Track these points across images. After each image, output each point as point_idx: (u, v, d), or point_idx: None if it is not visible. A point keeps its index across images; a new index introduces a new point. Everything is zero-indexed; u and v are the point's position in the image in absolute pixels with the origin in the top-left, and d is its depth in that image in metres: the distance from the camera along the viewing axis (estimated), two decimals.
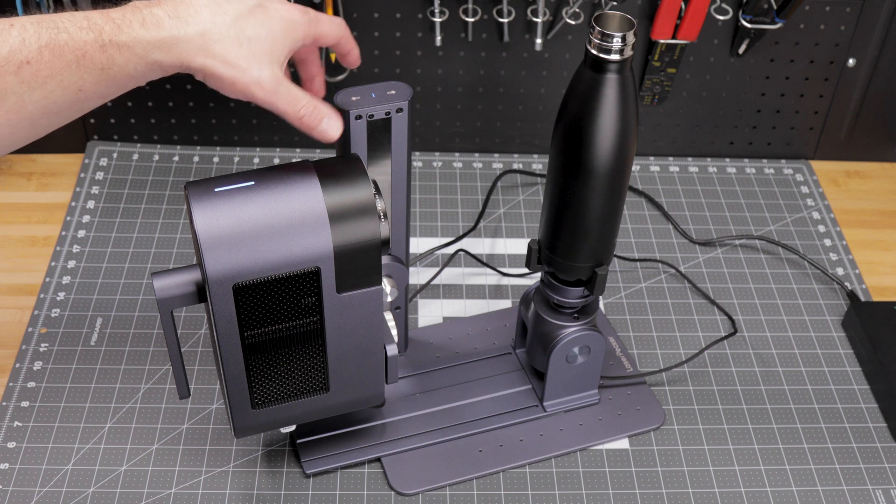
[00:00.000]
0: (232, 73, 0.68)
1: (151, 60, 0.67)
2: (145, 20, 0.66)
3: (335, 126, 0.72)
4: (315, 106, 0.71)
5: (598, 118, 0.76)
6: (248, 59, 0.67)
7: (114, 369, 0.96)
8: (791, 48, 1.17)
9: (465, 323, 1.02)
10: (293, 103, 0.70)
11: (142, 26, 0.66)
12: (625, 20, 0.75)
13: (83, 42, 0.65)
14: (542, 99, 1.21)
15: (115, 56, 0.66)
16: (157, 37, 0.66)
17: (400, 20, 1.13)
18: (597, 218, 0.81)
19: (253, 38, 0.67)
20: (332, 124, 0.72)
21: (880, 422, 0.95)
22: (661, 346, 1.02)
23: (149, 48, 0.66)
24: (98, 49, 0.65)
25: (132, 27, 0.66)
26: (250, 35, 0.67)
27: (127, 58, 0.66)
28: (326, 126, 0.71)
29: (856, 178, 1.26)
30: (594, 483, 0.89)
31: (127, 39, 0.66)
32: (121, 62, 0.66)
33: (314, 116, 0.71)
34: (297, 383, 0.78)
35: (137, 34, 0.66)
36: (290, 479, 0.88)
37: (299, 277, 0.71)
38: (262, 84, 0.68)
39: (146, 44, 0.66)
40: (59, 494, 0.86)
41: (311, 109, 0.71)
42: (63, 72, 0.65)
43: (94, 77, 0.66)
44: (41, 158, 1.21)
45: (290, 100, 0.70)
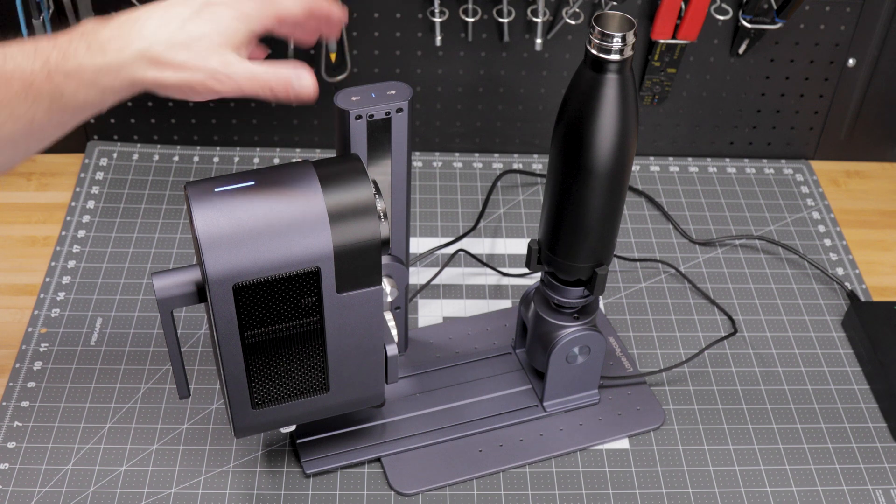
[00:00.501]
0: (184, 75, 0.65)
1: (102, 86, 0.65)
2: (90, 45, 0.64)
3: (306, 79, 0.67)
4: (276, 72, 0.67)
5: (598, 118, 0.76)
6: (197, 58, 0.64)
7: (114, 369, 0.96)
8: (791, 48, 1.17)
9: (465, 323, 1.02)
10: (255, 79, 0.66)
11: (87, 52, 0.64)
12: (625, 20, 0.75)
13: (30, 71, 0.63)
14: (542, 99, 1.21)
15: (62, 84, 0.64)
16: (102, 62, 0.64)
17: (400, 20, 1.13)
18: (597, 218, 0.81)
19: (200, 36, 0.65)
20: (302, 77, 0.67)
21: (880, 422, 0.95)
22: (661, 346, 1.02)
23: (97, 74, 0.64)
24: (45, 78, 0.64)
25: (78, 53, 0.64)
26: (196, 35, 0.65)
27: (76, 85, 0.64)
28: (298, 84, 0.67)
29: (856, 178, 1.26)
30: (594, 483, 0.89)
31: (73, 67, 0.64)
32: (70, 90, 0.64)
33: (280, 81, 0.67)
34: (297, 383, 0.78)
35: (83, 60, 0.64)
36: (290, 479, 0.88)
37: (299, 277, 0.71)
38: (216, 75, 0.65)
39: (93, 70, 0.64)
40: (59, 494, 0.85)
41: (275, 76, 0.67)
42: (12, 102, 0.63)
43: (44, 107, 0.64)
44: (41, 158, 1.21)
45: (251, 77, 0.66)
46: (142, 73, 0.65)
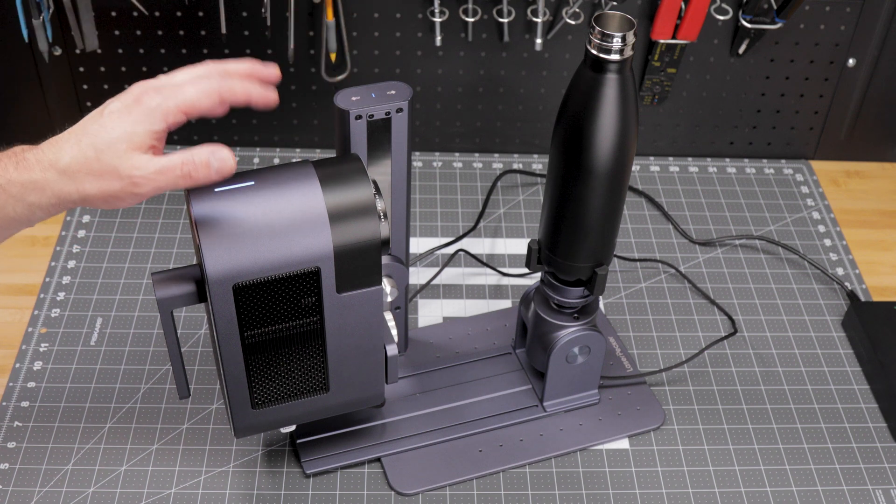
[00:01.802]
0: (102, 186, 0.67)
1: (29, 202, 0.68)
2: (19, 164, 0.67)
3: (225, 157, 0.68)
4: (191, 155, 0.68)
5: (598, 118, 0.76)
6: (110, 167, 0.67)
7: (114, 369, 0.96)
8: (791, 48, 1.17)
9: (465, 323, 1.02)
10: (172, 172, 0.67)
11: (15, 169, 0.67)
12: (625, 20, 0.75)
13: None
14: (542, 99, 1.21)
15: None
16: (29, 179, 0.67)
17: (400, 20, 1.13)
18: (597, 218, 0.81)
19: (106, 147, 0.67)
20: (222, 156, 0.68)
21: (880, 422, 0.95)
22: (661, 346, 1.02)
23: (23, 190, 0.67)
24: None
25: (7, 170, 0.67)
26: (103, 146, 0.67)
27: (3, 200, 0.67)
28: (219, 162, 0.68)
29: (856, 178, 1.26)
30: (594, 483, 0.89)
31: (2, 182, 0.67)
32: None
33: (199, 167, 0.67)
34: (297, 383, 0.78)
35: (11, 176, 0.67)
36: (290, 479, 0.88)
37: (299, 277, 0.71)
38: (134, 180, 0.67)
39: (20, 185, 0.67)
40: (59, 494, 0.85)
41: (191, 161, 0.68)
42: None
43: None
44: None
45: (167, 172, 0.67)
46: (66, 188, 0.67)
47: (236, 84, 0.69)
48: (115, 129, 0.67)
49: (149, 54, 1.14)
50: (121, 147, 0.67)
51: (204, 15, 1.11)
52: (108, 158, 0.67)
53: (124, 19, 1.11)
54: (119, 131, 0.67)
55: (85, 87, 1.17)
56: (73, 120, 1.22)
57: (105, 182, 0.67)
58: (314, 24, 1.12)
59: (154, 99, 0.67)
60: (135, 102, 0.67)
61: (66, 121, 1.19)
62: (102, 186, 0.67)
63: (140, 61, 1.15)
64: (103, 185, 0.67)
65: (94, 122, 0.68)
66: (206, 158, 0.68)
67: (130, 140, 0.67)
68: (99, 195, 0.68)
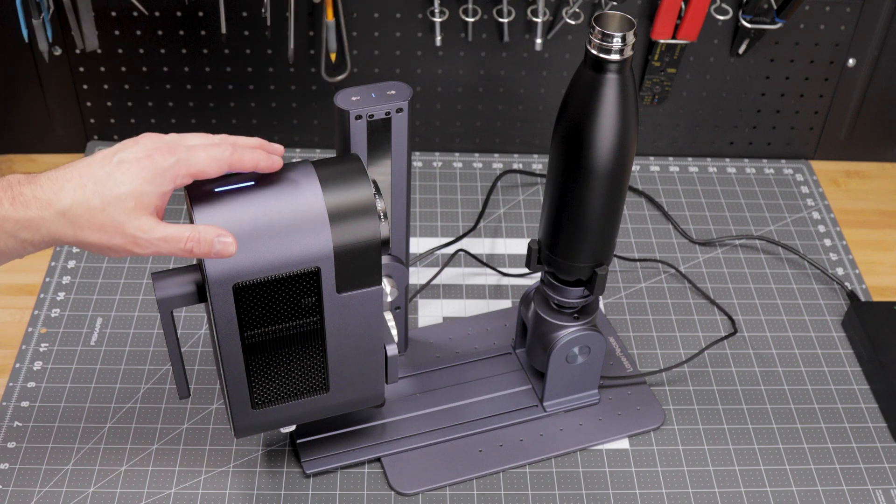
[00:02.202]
0: (103, 239, 0.67)
1: (22, 238, 0.67)
2: (14, 199, 0.66)
3: (228, 242, 0.68)
4: (198, 234, 0.68)
5: (598, 118, 0.76)
6: (114, 222, 0.66)
7: (114, 369, 0.96)
8: (791, 48, 1.17)
9: (465, 323, 1.02)
10: (175, 243, 0.67)
11: (11, 205, 0.66)
12: (625, 20, 0.75)
13: None
14: (542, 99, 1.21)
15: None
16: (24, 216, 0.66)
17: (400, 20, 1.13)
18: (597, 218, 0.81)
19: (115, 200, 0.66)
20: (225, 242, 0.68)
21: (880, 422, 0.95)
22: (661, 346, 1.02)
23: (17, 227, 0.66)
24: None
25: (2, 204, 0.66)
26: (111, 199, 0.66)
27: None
28: (221, 247, 0.68)
29: (856, 178, 1.26)
30: (594, 483, 0.89)
31: None
32: None
33: (202, 244, 0.68)
34: (297, 383, 0.78)
35: (6, 212, 0.65)
36: (290, 479, 0.88)
37: (299, 277, 0.71)
38: (137, 241, 0.67)
39: (14, 222, 0.66)
40: (59, 494, 0.86)
41: (197, 239, 0.68)
42: None
43: None
44: (41, 158, 1.21)
45: (172, 242, 0.67)
46: (63, 231, 0.67)
47: (245, 154, 0.69)
48: (125, 183, 0.66)
49: (149, 54, 1.14)
50: (129, 204, 0.66)
51: (204, 15, 1.11)
52: (115, 213, 0.66)
53: (124, 19, 1.11)
54: (129, 187, 0.66)
55: (85, 87, 1.17)
56: (73, 120, 1.23)
57: (107, 235, 0.67)
58: (314, 24, 1.12)
59: (167, 159, 0.67)
60: (147, 158, 0.66)
61: (66, 120, 1.19)
62: (103, 238, 0.67)
63: (140, 61, 1.15)
64: (104, 237, 0.67)
65: (101, 169, 0.66)
66: (211, 240, 0.68)
67: (140, 199, 0.66)
68: (96, 244, 0.67)
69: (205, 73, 1.16)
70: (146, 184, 0.66)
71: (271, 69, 1.16)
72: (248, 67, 1.16)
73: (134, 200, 0.66)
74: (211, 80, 1.17)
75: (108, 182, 0.66)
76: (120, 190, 0.66)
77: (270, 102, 1.19)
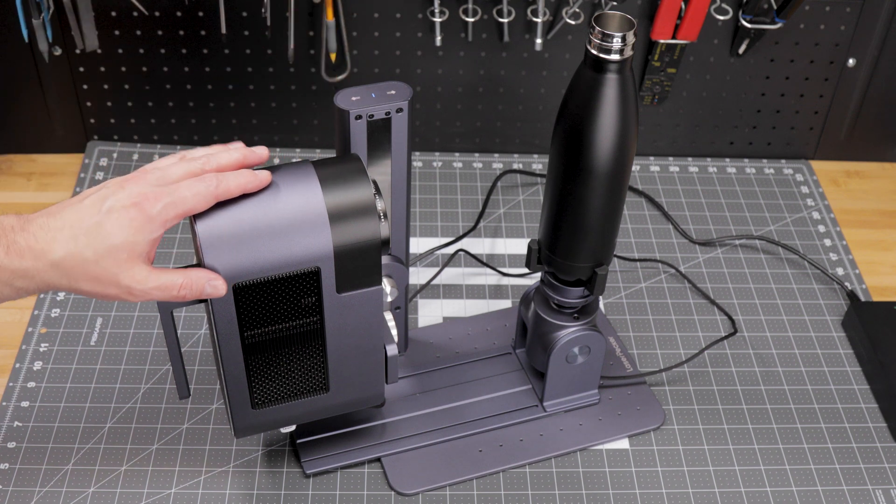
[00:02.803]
0: (97, 289, 0.68)
1: (17, 287, 0.67)
2: (9, 248, 0.66)
3: (219, 285, 0.69)
4: (190, 280, 0.69)
5: (598, 118, 0.76)
6: (109, 274, 0.67)
7: (114, 369, 0.96)
8: (791, 48, 1.17)
9: (465, 323, 1.02)
10: (168, 290, 0.68)
11: (6, 255, 0.66)
12: (625, 20, 0.75)
13: None
14: (542, 99, 1.21)
15: None
16: (20, 267, 0.66)
17: (400, 20, 1.13)
18: (597, 218, 0.81)
19: (107, 252, 0.66)
20: (216, 285, 0.69)
21: (880, 422, 0.95)
22: (661, 346, 1.02)
23: (13, 277, 0.66)
24: None
25: None
26: (104, 251, 0.66)
27: None
28: (212, 289, 0.69)
29: (856, 178, 1.26)
30: (594, 483, 0.89)
31: None
32: None
33: (194, 289, 0.69)
34: (297, 383, 0.78)
35: (2, 262, 0.66)
36: (290, 479, 0.88)
37: (299, 277, 0.71)
38: (131, 290, 0.68)
39: (10, 272, 0.66)
40: (59, 494, 0.85)
41: (189, 286, 0.69)
42: None
43: None
44: (41, 158, 1.21)
45: (164, 289, 0.68)
46: (58, 281, 0.67)
47: (231, 183, 0.68)
48: (116, 235, 0.66)
49: (149, 54, 1.14)
50: (122, 256, 0.66)
51: (204, 15, 1.11)
52: (108, 265, 0.66)
53: (124, 19, 1.11)
54: (120, 239, 0.66)
55: (85, 87, 1.17)
56: (73, 120, 1.23)
57: (101, 286, 0.67)
58: (314, 24, 1.12)
59: (154, 206, 0.67)
60: (135, 207, 0.66)
61: (66, 120, 1.19)
62: (97, 288, 0.68)
63: (140, 61, 1.15)
64: (98, 287, 0.68)
65: (91, 218, 0.66)
66: (202, 285, 0.69)
67: (132, 249, 0.67)
68: (91, 293, 0.68)
69: (205, 73, 1.16)
70: (137, 234, 0.66)
71: (271, 69, 1.16)
72: (248, 67, 1.16)
73: (126, 252, 0.67)
74: (211, 80, 1.17)
75: (100, 233, 0.66)
76: (112, 241, 0.66)
77: (270, 102, 1.19)
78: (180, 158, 0.70)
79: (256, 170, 0.71)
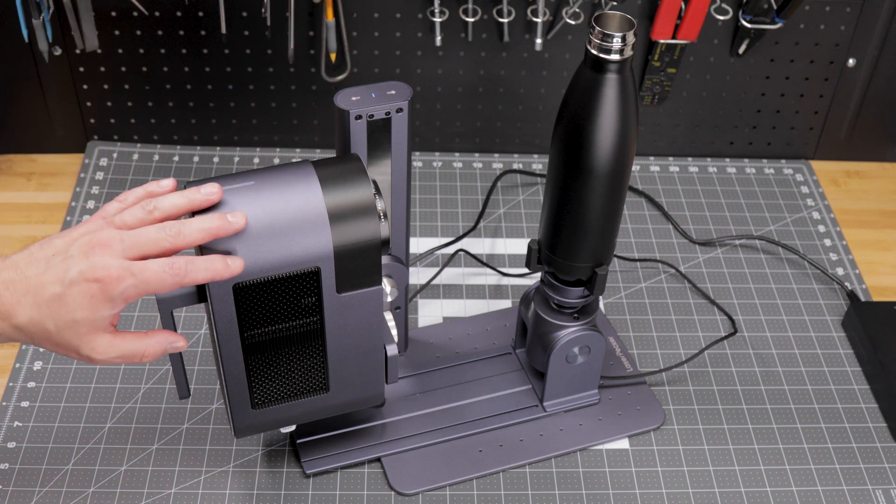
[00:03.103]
0: (60, 352, 0.69)
1: None
2: None
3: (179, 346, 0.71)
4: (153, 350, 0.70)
5: (598, 118, 0.76)
6: (69, 345, 0.67)
7: (114, 369, 0.96)
8: (791, 48, 1.17)
9: (465, 323, 1.02)
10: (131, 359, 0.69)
11: None
12: (625, 20, 0.75)
13: None
14: (542, 99, 1.21)
15: None
16: None
17: (400, 20, 1.13)
18: (597, 218, 0.81)
19: (67, 326, 0.67)
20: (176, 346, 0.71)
21: (880, 422, 0.95)
22: (661, 346, 1.02)
23: None
24: None
25: None
26: (64, 325, 0.67)
27: None
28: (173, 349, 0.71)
29: (856, 178, 1.26)
30: (594, 483, 0.89)
31: None
32: None
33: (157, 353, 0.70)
34: (297, 383, 0.78)
35: None
36: (290, 479, 0.88)
37: (299, 277, 0.71)
38: (92, 360, 0.68)
39: None
40: (59, 494, 0.85)
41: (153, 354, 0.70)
42: None
43: None
44: (41, 158, 1.21)
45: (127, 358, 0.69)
46: (21, 339, 0.69)
47: (200, 275, 0.67)
48: (77, 311, 0.66)
49: (149, 54, 1.14)
50: (82, 330, 0.67)
51: (204, 15, 1.11)
52: (69, 337, 0.67)
53: (124, 19, 1.11)
54: (80, 315, 0.66)
55: (85, 87, 1.17)
56: (73, 120, 1.23)
57: (63, 351, 0.69)
58: (314, 24, 1.12)
59: (117, 287, 0.66)
60: (97, 283, 0.66)
61: (66, 120, 1.19)
62: (59, 351, 0.69)
63: (140, 61, 1.15)
64: (60, 351, 0.69)
65: (53, 287, 0.66)
66: (163, 348, 0.71)
67: (92, 324, 0.67)
68: (56, 352, 0.70)
69: (205, 73, 1.16)
70: (97, 311, 0.67)
71: (271, 69, 1.16)
72: (248, 67, 1.16)
73: (87, 327, 0.67)
74: (211, 80, 1.17)
75: (61, 307, 0.66)
76: (72, 316, 0.66)
77: (270, 102, 1.19)
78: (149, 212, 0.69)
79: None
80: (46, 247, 0.68)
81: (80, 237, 0.67)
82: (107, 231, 0.67)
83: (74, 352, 0.68)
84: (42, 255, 0.68)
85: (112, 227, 0.67)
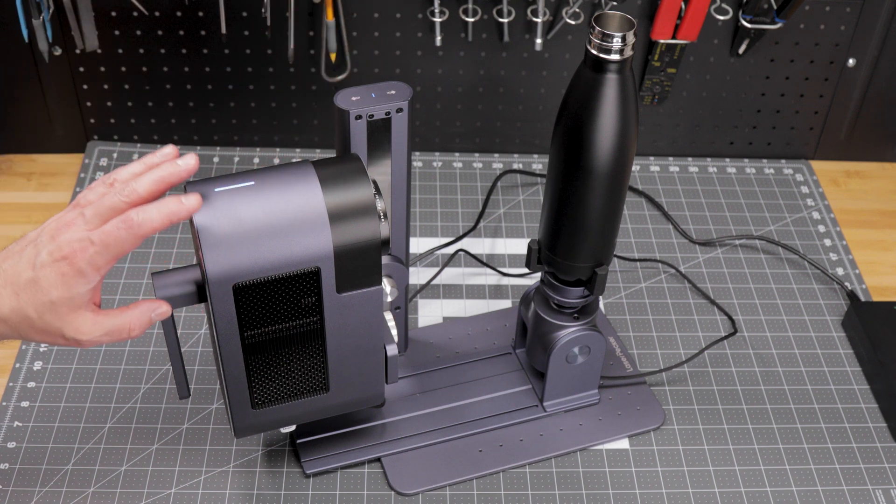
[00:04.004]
0: (47, 339, 0.69)
1: None
2: None
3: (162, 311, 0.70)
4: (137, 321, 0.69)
5: (598, 118, 0.76)
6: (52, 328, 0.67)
7: (114, 369, 0.96)
8: (791, 48, 1.17)
9: (465, 323, 1.02)
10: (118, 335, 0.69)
11: None
12: (625, 20, 0.75)
13: None
14: (542, 99, 1.21)
15: None
16: None
17: (400, 20, 1.13)
18: (597, 218, 0.81)
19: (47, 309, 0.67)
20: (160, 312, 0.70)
21: (880, 422, 0.95)
22: (661, 346, 1.02)
23: None
24: None
25: None
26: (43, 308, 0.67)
27: None
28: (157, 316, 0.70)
29: (856, 178, 1.26)
30: (594, 483, 0.89)
31: None
32: None
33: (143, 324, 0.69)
34: (297, 383, 0.78)
35: None
36: (290, 479, 0.88)
37: (299, 277, 0.71)
38: (78, 341, 0.68)
39: None
40: (59, 494, 0.85)
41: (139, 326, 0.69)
42: None
43: None
44: (41, 158, 1.21)
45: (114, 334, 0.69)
46: (7, 332, 0.69)
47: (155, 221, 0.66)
48: (52, 291, 0.66)
49: (149, 54, 1.14)
50: (62, 310, 0.67)
51: (204, 15, 1.11)
52: (51, 320, 0.67)
53: (124, 19, 1.11)
54: (56, 294, 0.66)
55: (85, 87, 1.17)
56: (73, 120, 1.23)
57: (50, 337, 0.68)
58: (314, 24, 1.12)
59: (83, 258, 0.66)
60: (64, 260, 0.66)
61: (66, 120, 1.19)
62: (47, 339, 0.69)
63: (140, 61, 1.15)
64: (48, 338, 0.69)
65: (26, 272, 0.66)
66: (148, 317, 0.70)
67: (70, 303, 0.67)
68: (43, 342, 0.70)
69: (205, 73, 1.16)
70: (72, 288, 0.66)
71: (271, 69, 1.16)
72: (248, 67, 1.16)
73: (66, 306, 0.67)
74: (211, 80, 1.17)
75: (37, 291, 0.66)
76: (49, 297, 0.66)
77: (270, 102, 1.19)
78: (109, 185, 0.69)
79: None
80: (21, 240, 0.70)
81: (48, 224, 0.68)
82: (71, 212, 0.68)
83: (60, 336, 0.68)
84: (17, 248, 0.69)
85: (77, 208, 0.68)
